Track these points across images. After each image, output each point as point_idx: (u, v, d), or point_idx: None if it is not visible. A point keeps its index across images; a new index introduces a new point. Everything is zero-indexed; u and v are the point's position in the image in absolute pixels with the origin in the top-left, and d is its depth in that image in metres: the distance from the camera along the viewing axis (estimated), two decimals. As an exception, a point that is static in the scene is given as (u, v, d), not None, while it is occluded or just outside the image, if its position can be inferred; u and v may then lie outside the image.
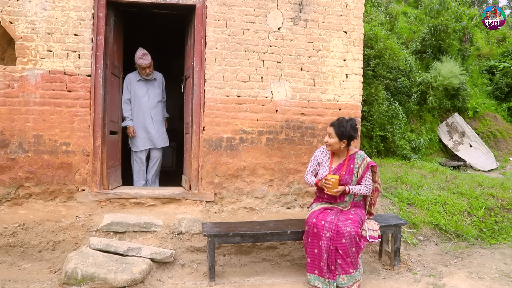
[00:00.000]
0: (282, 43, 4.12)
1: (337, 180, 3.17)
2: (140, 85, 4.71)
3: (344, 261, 3.04)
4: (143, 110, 4.71)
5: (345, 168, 3.30)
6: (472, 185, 5.53)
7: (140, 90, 4.70)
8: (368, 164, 3.30)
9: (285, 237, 3.28)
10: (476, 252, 3.93)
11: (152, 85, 4.78)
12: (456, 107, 10.00)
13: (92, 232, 3.57)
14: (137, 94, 4.69)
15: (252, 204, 4.08)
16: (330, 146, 3.31)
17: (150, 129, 4.75)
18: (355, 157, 3.33)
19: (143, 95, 4.71)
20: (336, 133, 3.27)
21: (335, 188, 3.16)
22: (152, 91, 4.77)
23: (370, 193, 3.31)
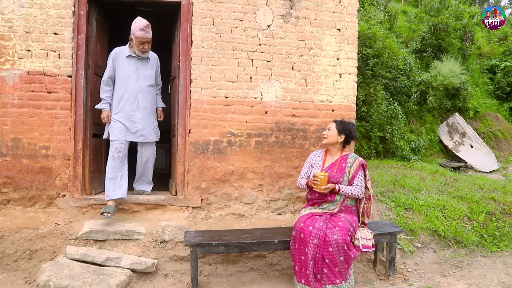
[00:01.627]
0: (272, 42, 3.94)
1: (326, 177, 3.05)
2: (129, 63, 3.78)
3: (331, 271, 2.86)
4: (128, 93, 3.76)
5: (336, 167, 3.16)
6: (472, 188, 5.33)
7: (127, 68, 3.77)
8: (359, 163, 3.14)
9: (272, 246, 3.10)
10: (476, 261, 3.74)
11: (144, 65, 3.86)
12: (457, 107, 9.80)
13: (71, 240, 3.39)
14: (124, 72, 3.75)
15: (240, 210, 3.90)
16: (328, 137, 3.24)
17: (135, 116, 3.78)
18: (348, 157, 3.22)
19: (131, 75, 3.77)
20: (336, 127, 3.26)
21: (323, 185, 3.04)
22: (143, 71, 3.83)
23: (361, 195, 3.13)
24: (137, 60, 3.81)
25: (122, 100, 3.76)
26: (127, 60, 3.78)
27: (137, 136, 3.83)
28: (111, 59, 3.75)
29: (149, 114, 3.90)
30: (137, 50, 3.71)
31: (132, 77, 3.78)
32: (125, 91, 3.76)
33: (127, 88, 3.76)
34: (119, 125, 3.74)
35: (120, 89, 3.77)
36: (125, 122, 3.76)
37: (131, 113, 3.78)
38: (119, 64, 3.76)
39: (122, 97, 3.76)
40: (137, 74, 3.81)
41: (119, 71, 3.76)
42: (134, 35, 3.64)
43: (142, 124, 3.83)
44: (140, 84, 3.82)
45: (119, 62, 3.76)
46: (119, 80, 3.78)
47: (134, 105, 3.79)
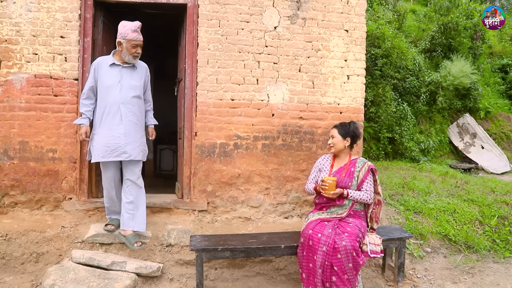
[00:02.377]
0: (278, 43, 3.89)
1: (334, 182, 3.00)
2: (112, 72, 3.28)
3: (340, 279, 2.80)
4: (110, 105, 3.23)
5: (345, 171, 3.11)
6: (484, 191, 5.23)
7: (110, 77, 3.26)
8: (368, 168, 3.09)
9: (278, 252, 3.06)
10: (488, 268, 3.65)
11: (130, 73, 3.33)
12: (467, 108, 9.64)
13: (77, 244, 3.39)
14: (106, 82, 3.25)
15: (247, 214, 3.87)
16: (334, 146, 3.19)
17: (116, 131, 3.21)
18: (357, 161, 3.16)
19: (114, 84, 3.25)
20: (339, 132, 3.20)
21: (332, 190, 2.99)
22: (127, 80, 3.30)
23: (370, 200, 3.08)
24: (121, 68, 3.30)
25: (104, 114, 3.26)
26: (110, 69, 3.29)
27: (118, 153, 3.21)
28: (92, 69, 3.33)
29: (134, 129, 3.30)
30: (128, 55, 3.23)
31: (115, 87, 3.26)
32: (107, 103, 3.24)
33: (109, 99, 3.24)
34: (99, 144, 3.22)
35: (103, 101, 3.27)
36: (105, 139, 3.21)
37: (113, 128, 3.22)
38: (101, 74, 3.29)
39: (104, 110, 3.25)
40: (120, 83, 3.27)
41: (101, 81, 3.28)
42: (125, 38, 3.19)
43: (124, 139, 3.23)
44: (124, 95, 3.26)
45: (101, 72, 3.29)
46: (101, 92, 3.29)
47: (116, 118, 3.23)
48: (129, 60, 3.28)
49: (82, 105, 3.33)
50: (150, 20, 5.00)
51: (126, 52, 3.24)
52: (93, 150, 3.28)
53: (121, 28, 3.22)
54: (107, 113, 3.25)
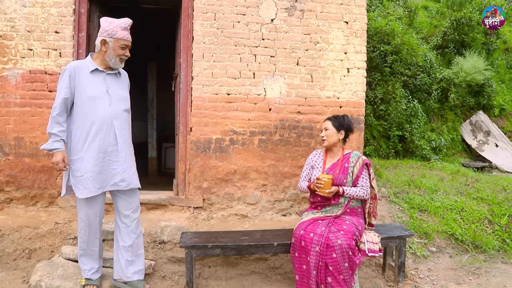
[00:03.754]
0: (276, 36, 3.79)
1: (330, 180, 2.86)
2: (96, 79, 2.64)
3: (335, 279, 2.68)
4: (100, 121, 2.59)
5: (339, 167, 2.97)
6: (494, 189, 5.00)
7: (95, 86, 2.62)
8: (363, 162, 2.96)
9: (271, 249, 2.96)
10: (495, 268, 3.46)
11: (116, 82, 2.74)
12: (481, 105, 9.34)
13: (69, 240, 3.36)
14: (89, 93, 2.59)
15: (243, 211, 3.78)
16: (328, 139, 3.04)
17: (113, 154, 2.64)
18: (350, 156, 3.02)
19: (101, 95, 2.62)
20: (333, 124, 3.05)
21: (327, 188, 2.85)
22: (115, 90, 2.70)
23: (367, 196, 2.94)
24: (106, 75, 2.68)
25: (91, 133, 2.58)
26: (92, 77, 2.63)
27: (115, 182, 2.64)
28: (66, 76, 2.58)
29: (130, 150, 2.78)
30: (115, 57, 2.63)
31: (103, 98, 2.63)
32: (94, 119, 2.58)
33: (97, 114, 2.59)
34: (89, 172, 2.56)
35: (87, 117, 2.58)
36: (98, 165, 2.59)
37: (107, 150, 2.62)
38: (81, 83, 2.59)
39: (91, 128, 2.58)
40: (108, 94, 2.65)
41: (82, 91, 2.59)
42: (112, 36, 2.59)
43: (123, 164, 2.67)
44: (115, 108, 2.66)
45: (81, 80, 2.60)
46: (83, 105, 2.59)
47: (110, 138, 2.62)
48: (114, 65, 2.67)
49: (53, 124, 2.54)
50: (150, 16, 4.98)
51: (112, 54, 2.62)
52: (77, 182, 2.57)
53: (106, 24, 2.62)
54: (96, 132, 2.58)
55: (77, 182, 2.57)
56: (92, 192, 2.56)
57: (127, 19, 2.70)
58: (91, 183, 2.56)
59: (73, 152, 2.61)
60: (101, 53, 2.66)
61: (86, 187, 2.55)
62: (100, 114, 2.61)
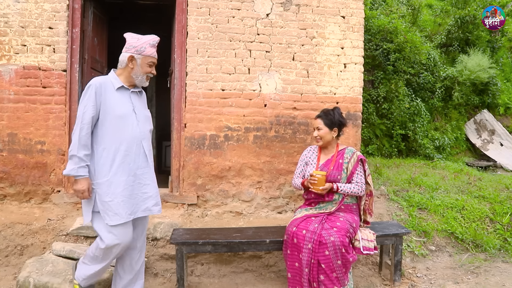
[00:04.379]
0: (271, 31, 3.74)
1: (324, 176, 2.79)
2: (122, 98, 2.45)
3: (328, 278, 2.61)
4: (129, 141, 2.41)
5: (333, 164, 2.90)
6: (497, 188, 4.90)
7: (122, 105, 2.43)
8: (358, 158, 2.90)
9: (263, 246, 2.90)
10: (495, 267, 3.38)
11: (139, 101, 2.58)
12: (485, 103, 9.21)
13: (62, 237, 3.33)
14: (118, 111, 2.39)
15: (238, 208, 3.73)
16: (322, 138, 2.94)
17: (143, 177, 2.48)
18: (345, 152, 2.95)
19: (129, 114, 2.44)
20: (325, 123, 2.94)
21: (321, 185, 2.77)
22: (140, 109, 2.53)
23: (362, 193, 2.88)
24: (131, 94, 2.50)
25: (119, 154, 2.37)
26: (118, 94, 2.43)
27: (149, 207, 2.49)
28: (92, 91, 2.34)
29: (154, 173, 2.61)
30: (142, 75, 2.46)
31: (131, 117, 2.43)
32: (123, 139, 2.38)
33: (126, 134, 2.39)
34: (120, 196, 2.35)
35: (114, 138, 2.37)
36: (129, 189, 2.39)
37: (137, 172, 2.43)
38: (108, 100, 2.38)
39: (119, 149, 2.37)
40: (135, 113, 2.46)
41: (110, 110, 2.38)
42: (141, 53, 2.42)
43: (154, 187, 2.56)
44: (142, 128, 2.49)
45: (107, 97, 2.38)
46: (111, 125, 2.37)
47: (140, 160, 2.45)
48: (140, 82, 2.50)
49: (80, 146, 2.28)
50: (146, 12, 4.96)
51: (140, 71, 2.44)
52: (106, 208, 2.31)
53: (133, 40, 2.45)
54: (125, 154, 2.38)
55: (106, 208, 2.31)
56: (124, 218, 2.33)
57: (155, 36, 2.53)
58: (122, 209, 2.33)
59: (98, 175, 2.35)
60: (127, 70, 2.46)
61: (117, 213, 2.31)
62: (129, 135, 2.40)
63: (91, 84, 2.36)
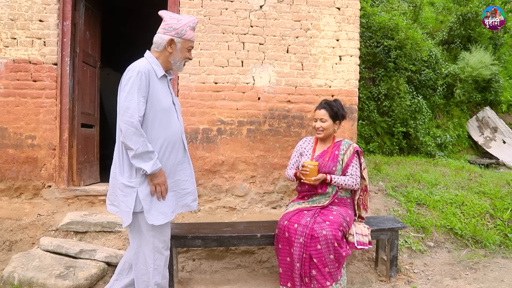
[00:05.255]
0: (265, 23, 3.68)
1: (316, 167, 2.68)
2: (164, 86, 2.22)
3: (320, 272, 2.53)
4: (171, 137, 2.19)
5: (328, 155, 2.82)
6: (498, 184, 4.80)
7: (166, 95, 2.21)
8: (354, 150, 2.81)
9: (254, 241, 2.82)
10: (494, 263, 3.28)
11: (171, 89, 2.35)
12: (488, 101, 9.09)
13: (51, 232, 3.27)
14: (163, 103, 2.16)
15: (232, 203, 3.66)
16: (325, 130, 2.82)
17: (182, 173, 2.28)
18: (341, 144, 2.86)
19: (171, 106, 2.23)
20: (330, 115, 2.83)
21: (313, 175, 2.67)
22: (175, 99, 2.34)
23: (357, 186, 2.78)
24: (168, 82, 2.29)
25: (162, 150, 2.15)
26: (161, 84, 2.19)
27: (188, 203, 2.32)
28: (142, 81, 2.06)
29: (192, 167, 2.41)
30: (181, 60, 2.23)
31: (172, 110, 2.23)
32: (168, 134, 2.16)
33: (170, 129, 2.18)
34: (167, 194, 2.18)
35: (159, 132, 2.14)
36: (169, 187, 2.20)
37: (177, 169, 2.24)
38: (154, 91, 2.12)
39: (163, 145, 2.15)
40: (174, 104, 2.27)
41: (156, 101, 2.13)
42: (182, 36, 2.17)
43: (193, 183, 2.36)
44: (181, 120, 2.33)
45: (154, 87, 2.13)
46: (156, 118, 2.13)
47: (179, 155, 2.26)
48: (177, 68, 2.27)
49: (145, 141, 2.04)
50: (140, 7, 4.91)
51: (179, 56, 2.21)
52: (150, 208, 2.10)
53: (173, 21, 2.16)
54: (170, 149, 2.18)
55: (149, 207, 2.09)
56: (169, 217, 2.15)
57: (195, 18, 2.26)
58: (166, 207, 2.15)
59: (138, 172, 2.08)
60: (165, 54, 2.19)
61: (162, 211, 2.12)
62: (173, 129, 2.19)
63: (139, 70, 2.05)
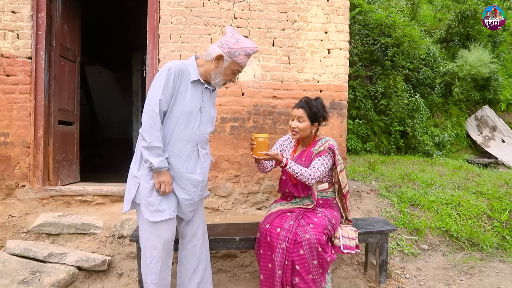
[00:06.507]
0: (249, 15, 3.50)
1: (266, 140, 2.37)
2: (194, 91, 2.19)
3: (303, 280, 2.35)
4: (184, 142, 2.18)
5: (305, 154, 2.62)
6: (496, 184, 4.62)
7: (192, 100, 2.18)
8: (328, 146, 2.56)
9: (233, 245, 2.64)
10: (491, 267, 3.10)
11: (209, 99, 2.32)
12: (487, 99, 8.92)
13: (22, 234, 3.10)
14: (186, 105, 2.15)
15: (214, 204, 3.48)
16: (300, 132, 2.57)
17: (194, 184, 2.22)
18: (319, 141, 2.62)
19: (194, 112, 2.19)
20: (308, 115, 2.55)
21: (262, 149, 2.35)
22: (207, 109, 2.28)
23: (311, 180, 2.45)
24: (204, 89, 2.24)
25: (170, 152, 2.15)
26: (192, 88, 2.17)
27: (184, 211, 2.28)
28: (171, 74, 2.09)
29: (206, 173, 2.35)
30: (221, 78, 2.22)
31: (195, 116, 2.19)
32: (180, 138, 2.16)
33: (185, 133, 2.16)
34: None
35: (172, 133, 2.15)
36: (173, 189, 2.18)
37: (184, 176, 2.19)
38: (180, 91, 2.13)
39: (167, 145, 2.15)
40: (201, 112, 2.22)
41: (178, 102, 2.13)
42: (233, 57, 2.15)
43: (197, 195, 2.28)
44: (203, 130, 2.25)
45: (181, 87, 2.14)
46: (173, 118, 2.13)
47: (190, 164, 2.21)
48: (215, 84, 2.26)
49: (157, 135, 2.06)
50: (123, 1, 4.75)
51: (222, 75, 2.20)
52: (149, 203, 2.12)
53: (232, 39, 2.16)
54: (176, 153, 2.16)
55: (147, 202, 2.12)
56: (165, 215, 2.13)
57: (255, 47, 2.21)
58: (165, 205, 2.14)
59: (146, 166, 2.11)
60: (210, 66, 2.18)
61: (160, 209, 2.12)
62: (185, 135, 2.16)
63: (171, 67, 2.09)
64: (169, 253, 2.23)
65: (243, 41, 2.17)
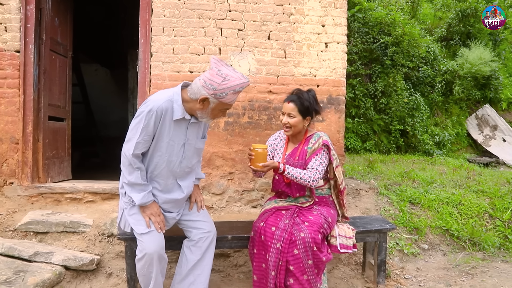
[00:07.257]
0: (244, 7, 3.40)
1: (265, 151, 2.29)
2: (177, 129, 2.11)
3: (297, 281, 2.25)
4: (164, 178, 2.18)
5: (298, 153, 2.51)
6: (497, 182, 4.53)
7: (174, 138, 2.12)
8: (322, 143, 2.45)
9: (225, 243, 2.54)
10: (493, 268, 2.99)
11: (197, 131, 2.24)
12: (487, 98, 8.81)
13: (8, 232, 3.00)
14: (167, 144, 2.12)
15: (208, 202, 3.38)
16: (292, 128, 2.45)
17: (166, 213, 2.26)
18: (312, 137, 2.50)
19: (175, 150, 2.15)
20: (299, 110, 2.43)
21: (260, 161, 2.27)
22: (192, 143, 2.21)
23: (313, 182, 2.36)
24: (189, 125, 2.15)
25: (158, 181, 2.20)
26: (175, 125, 2.09)
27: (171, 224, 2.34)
28: (151, 118, 1.99)
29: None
30: (207, 118, 2.12)
31: (176, 154, 2.15)
32: (159, 174, 2.16)
33: (164, 171, 2.16)
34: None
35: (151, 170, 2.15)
36: None
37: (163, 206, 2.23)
38: (163, 130, 2.06)
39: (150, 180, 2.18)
40: (184, 149, 2.17)
41: (161, 140, 2.09)
42: (219, 99, 1.99)
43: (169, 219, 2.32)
44: (185, 166, 2.22)
45: (164, 126, 2.05)
46: (153, 157, 2.13)
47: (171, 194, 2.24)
48: (203, 121, 2.18)
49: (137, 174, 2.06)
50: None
51: (209, 115, 2.09)
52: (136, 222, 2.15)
53: (217, 79, 1.96)
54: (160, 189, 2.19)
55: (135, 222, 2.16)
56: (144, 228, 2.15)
57: (245, 81, 2.02)
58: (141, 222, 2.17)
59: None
60: (195, 105, 2.05)
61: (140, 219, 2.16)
62: (166, 172, 2.16)
63: (152, 108, 1.98)
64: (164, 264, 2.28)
65: (231, 77, 1.97)
